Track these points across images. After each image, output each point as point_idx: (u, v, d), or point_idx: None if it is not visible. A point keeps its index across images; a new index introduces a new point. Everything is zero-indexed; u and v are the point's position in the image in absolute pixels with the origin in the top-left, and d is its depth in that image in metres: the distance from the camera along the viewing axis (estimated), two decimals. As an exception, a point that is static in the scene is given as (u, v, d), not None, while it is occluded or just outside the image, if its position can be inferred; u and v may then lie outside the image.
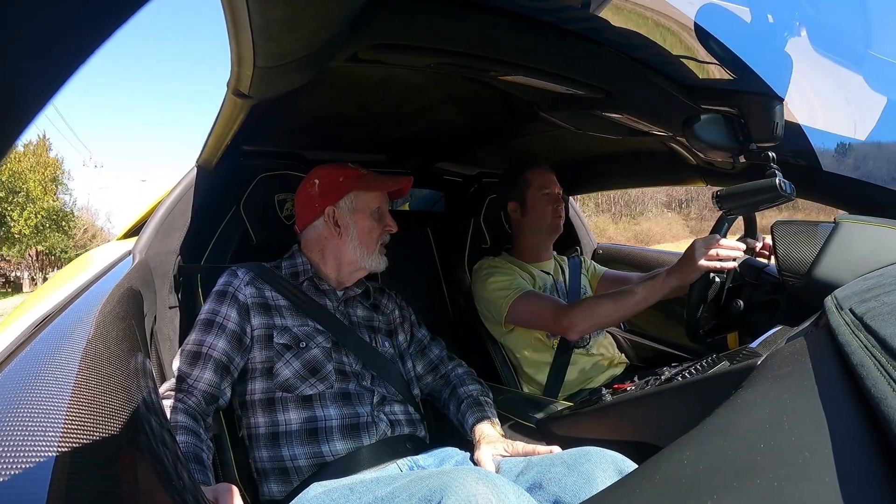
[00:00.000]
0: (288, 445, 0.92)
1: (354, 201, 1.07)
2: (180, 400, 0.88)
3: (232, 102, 0.81)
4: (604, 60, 0.86)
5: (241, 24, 0.52)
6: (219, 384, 0.93)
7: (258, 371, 0.96)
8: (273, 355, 0.96)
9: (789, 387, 0.45)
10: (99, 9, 0.16)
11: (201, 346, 0.94)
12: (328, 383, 0.96)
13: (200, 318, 0.98)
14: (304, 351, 0.97)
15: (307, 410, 0.94)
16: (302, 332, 0.99)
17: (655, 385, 0.87)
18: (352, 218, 1.06)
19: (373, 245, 1.07)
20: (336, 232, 1.07)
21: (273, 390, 0.95)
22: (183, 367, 0.92)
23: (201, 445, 0.83)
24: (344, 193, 1.07)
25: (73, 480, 0.35)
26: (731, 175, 1.33)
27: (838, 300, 0.57)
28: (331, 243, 1.07)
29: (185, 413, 0.86)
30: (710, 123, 0.96)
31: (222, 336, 0.95)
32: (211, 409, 0.92)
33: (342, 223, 1.07)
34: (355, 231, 1.06)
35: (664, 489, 0.37)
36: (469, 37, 0.77)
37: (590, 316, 1.24)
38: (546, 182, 1.49)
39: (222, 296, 0.99)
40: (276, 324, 0.98)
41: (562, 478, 0.76)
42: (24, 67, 0.15)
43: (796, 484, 0.31)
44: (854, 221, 0.89)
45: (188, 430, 0.84)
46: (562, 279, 1.55)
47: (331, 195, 1.07)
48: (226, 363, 0.94)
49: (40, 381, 0.45)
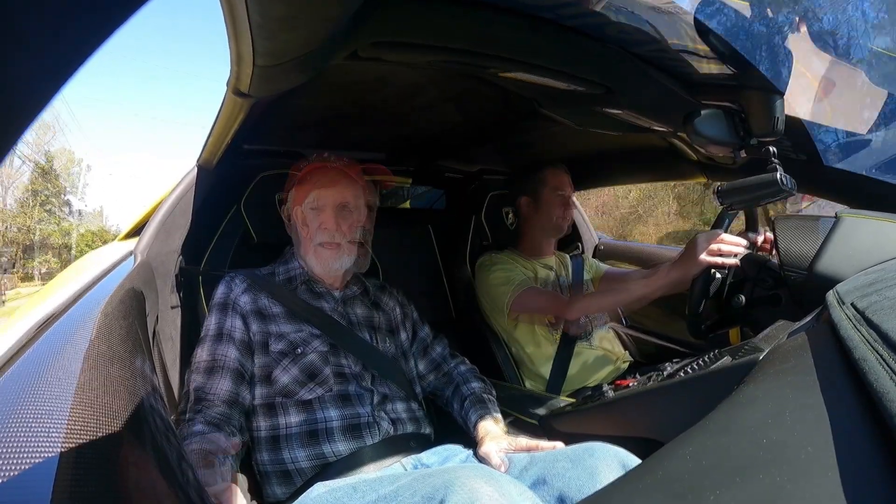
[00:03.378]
0: (288, 448, 0.92)
1: (317, 199, 1.06)
2: (200, 412, 0.87)
3: (232, 101, 0.81)
4: (604, 56, 0.85)
5: (240, 22, 0.52)
6: (237, 391, 0.92)
7: (258, 377, 0.96)
8: (270, 362, 0.96)
9: (791, 382, 0.45)
10: (99, 9, 0.16)
11: (215, 359, 0.93)
12: (327, 387, 0.96)
13: (209, 334, 0.97)
14: (301, 357, 0.97)
15: (307, 413, 0.94)
16: (298, 337, 0.98)
17: (657, 381, 0.87)
18: (314, 216, 1.05)
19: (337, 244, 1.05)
20: (306, 232, 1.06)
21: (273, 396, 0.95)
22: (201, 382, 0.91)
23: (216, 451, 0.81)
24: (308, 193, 1.06)
25: (77, 480, 0.35)
26: (732, 170, 1.33)
27: (840, 295, 0.57)
28: (306, 243, 1.07)
29: (204, 423, 0.85)
30: (710, 119, 0.95)
31: (232, 345, 0.95)
32: (235, 413, 0.91)
33: (309, 223, 1.06)
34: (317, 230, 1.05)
35: (666, 485, 0.37)
36: (469, 34, 0.77)
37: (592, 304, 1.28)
38: (561, 183, 1.52)
39: (224, 307, 0.99)
40: (272, 331, 0.98)
41: (565, 472, 0.76)
42: (24, 67, 0.15)
43: (798, 479, 0.31)
44: (855, 216, 0.88)
45: (204, 437, 0.82)
46: (563, 274, 1.56)
47: (298, 196, 1.07)
48: (240, 370, 0.94)
49: (44, 381, 0.45)
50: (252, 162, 1.31)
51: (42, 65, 0.15)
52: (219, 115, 0.92)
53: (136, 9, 0.17)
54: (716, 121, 0.96)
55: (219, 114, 0.91)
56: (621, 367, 1.44)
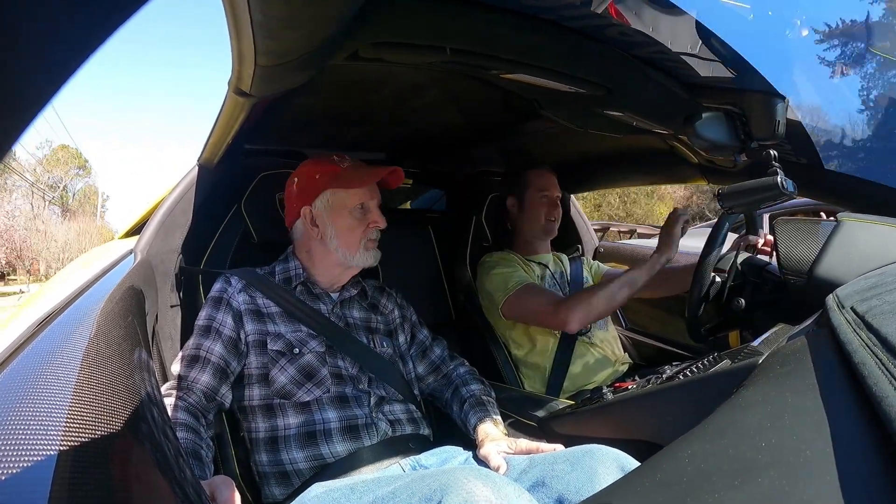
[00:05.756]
0: (287, 449, 0.92)
1: (331, 199, 1.04)
2: (180, 398, 0.89)
3: (233, 101, 0.81)
4: (605, 58, 0.85)
5: (241, 22, 0.52)
6: (217, 388, 0.93)
7: (255, 377, 0.97)
8: (268, 362, 0.96)
9: (791, 385, 0.45)
10: (99, 8, 0.16)
11: (199, 350, 0.95)
12: (324, 388, 0.96)
13: (199, 324, 0.98)
14: (298, 357, 0.97)
15: (305, 415, 0.94)
16: (295, 338, 0.99)
17: (657, 383, 0.87)
18: (329, 217, 1.04)
19: (356, 243, 1.05)
20: (315, 232, 1.05)
21: (271, 397, 0.95)
22: (182, 369, 0.93)
23: (200, 443, 0.83)
24: (319, 192, 1.04)
25: (76, 477, 0.35)
26: (733, 173, 1.33)
27: (840, 298, 0.57)
28: (313, 244, 1.06)
29: (185, 410, 0.87)
30: (711, 121, 0.95)
31: (219, 341, 0.96)
32: (212, 407, 0.93)
33: (320, 223, 1.04)
34: (334, 230, 1.04)
35: (665, 488, 0.37)
36: (470, 35, 0.77)
37: (587, 303, 1.26)
38: (545, 185, 1.52)
39: (217, 302, 1.00)
40: (269, 330, 0.98)
41: (564, 475, 0.75)
42: (24, 67, 0.15)
43: (797, 482, 0.31)
44: (856, 220, 0.88)
45: (188, 427, 0.84)
46: (561, 272, 1.56)
47: (306, 195, 1.05)
48: (223, 367, 0.95)
49: (43, 379, 0.45)
50: (253, 161, 1.31)
51: (42, 64, 0.15)
52: (220, 115, 0.92)
53: (136, 8, 0.17)
54: (717, 123, 0.96)
55: (220, 113, 0.92)
56: (620, 370, 1.44)
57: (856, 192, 1.08)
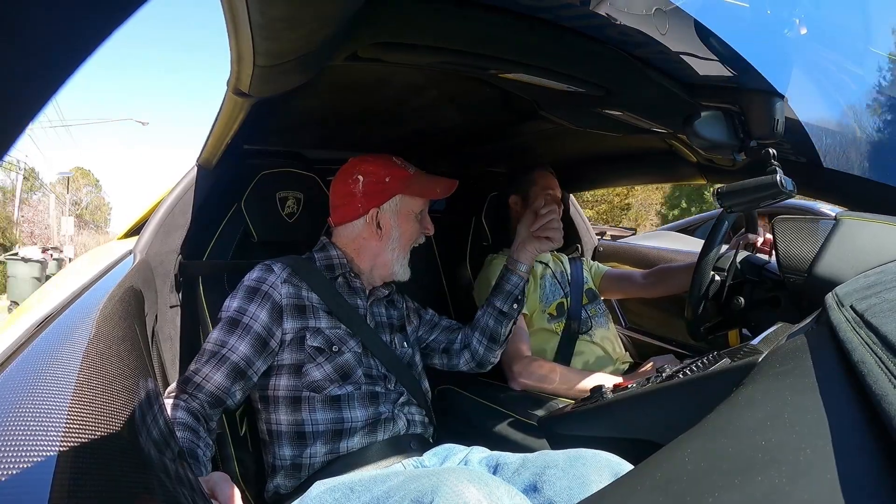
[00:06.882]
0: (313, 445, 0.91)
1: (399, 204, 1.04)
2: (185, 400, 0.86)
3: (232, 101, 0.81)
4: (604, 58, 0.85)
5: (240, 22, 0.52)
6: (229, 388, 0.89)
7: (285, 369, 0.94)
8: (304, 358, 0.94)
9: (790, 384, 0.45)
10: (99, 8, 0.16)
11: (222, 348, 0.90)
12: (356, 385, 0.95)
13: (226, 315, 0.93)
14: (337, 355, 0.95)
15: (334, 412, 0.92)
16: (334, 335, 0.96)
17: (656, 382, 0.87)
18: (395, 221, 1.04)
19: (407, 248, 1.07)
20: (377, 234, 1.04)
21: (300, 389, 0.93)
22: (196, 363, 0.89)
23: (198, 442, 0.82)
24: (390, 196, 1.03)
25: (75, 479, 0.35)
26: (732, 172, 1.33)
27: (839, 297, 0.57)
28: (369, 243, 1.05)
29: (186, 411, 0.85)
30: (710, 120, 0.95)
31: (246, 338, 0.91)
32: (215, 413, 0.90)
33: (384, 225, 1.04)
34: (397, 233, 1.04)
35: (665, 487, 0.37)
36: (469, 35, 0.77)
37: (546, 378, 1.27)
38: (550, 184, 1.53)
39: (253, 293, 0.94)
40: (309, 325, 0.95)
41: (556, 481, 0.76)
42: (24, 67, 0.15)
43: (797, 481, 0.31)
44: (855, 218, 0.88)
45: (187, 427, 0.83)
46: (561, 271, 1.56)
47: (376, 196, 1.03)
48: (243, 368, 0.90)
49: (42, 380, 0.45)
50: (252, 161, 1.31)
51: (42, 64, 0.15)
52: (219, 115, 0.92)
53: (135, 8, 0.17)
54: (715, 122, 0.96)
55: (219, 113, 0.91)
56: (621, 368, 1.44)
57: (855, 190, 1.08)
